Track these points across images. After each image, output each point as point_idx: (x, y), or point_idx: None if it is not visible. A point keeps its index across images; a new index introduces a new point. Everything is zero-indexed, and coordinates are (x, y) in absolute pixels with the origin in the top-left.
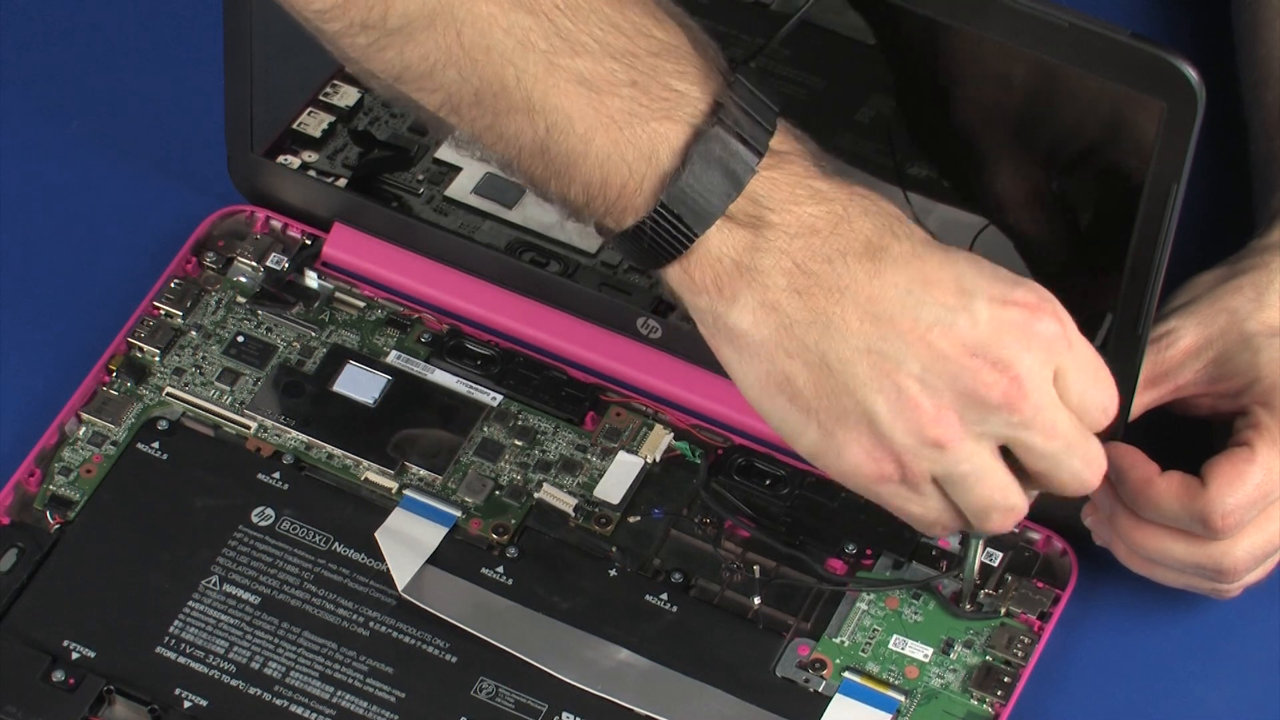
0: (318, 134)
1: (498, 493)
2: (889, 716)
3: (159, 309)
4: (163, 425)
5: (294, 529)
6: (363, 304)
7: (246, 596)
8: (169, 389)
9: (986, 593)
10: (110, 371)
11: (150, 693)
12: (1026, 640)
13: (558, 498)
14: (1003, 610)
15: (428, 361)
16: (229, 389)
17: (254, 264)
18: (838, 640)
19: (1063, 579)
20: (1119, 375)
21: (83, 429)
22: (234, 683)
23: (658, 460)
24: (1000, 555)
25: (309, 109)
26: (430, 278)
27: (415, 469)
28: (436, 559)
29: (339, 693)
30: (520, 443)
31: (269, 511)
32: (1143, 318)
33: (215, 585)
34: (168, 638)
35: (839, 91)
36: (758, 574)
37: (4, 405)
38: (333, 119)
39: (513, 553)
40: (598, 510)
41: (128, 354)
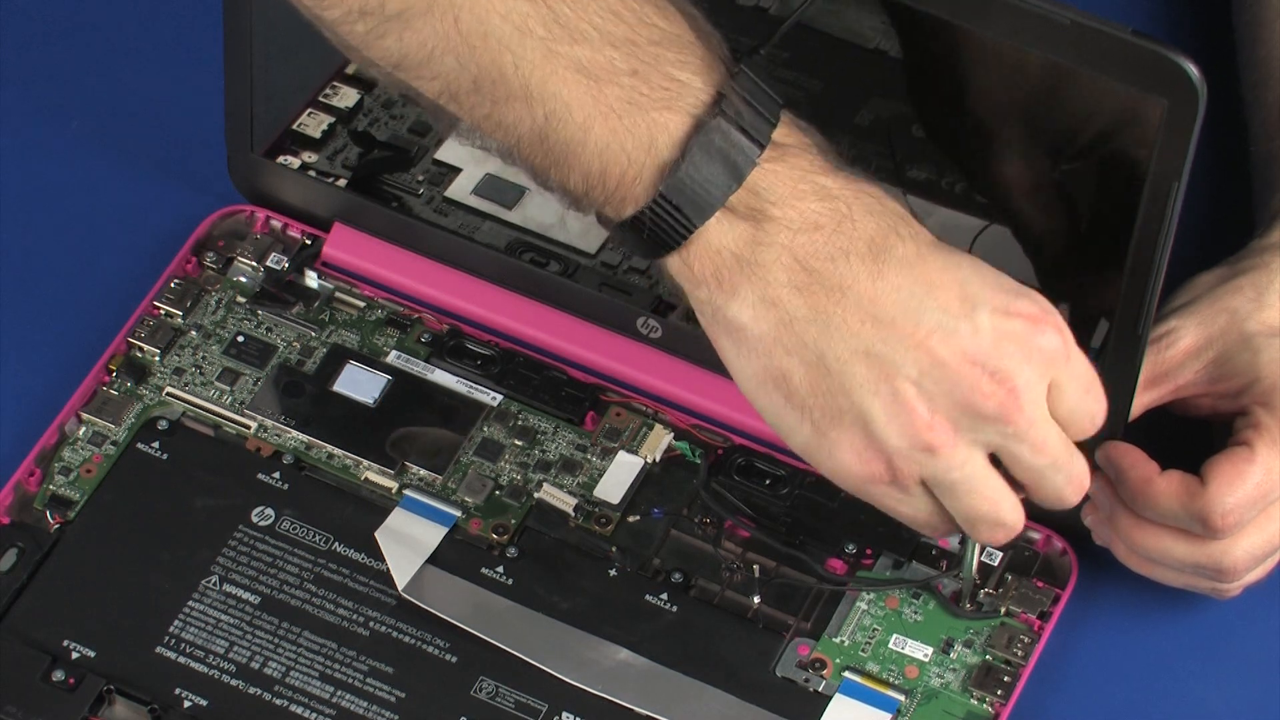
0: (318, 134)
1: (498, 493)
2: (889, 716)
3: (159, 309)
4: (163, 425)
5: (294, 529)
6: (363, 304)
7: (246, 596)
8: (169, 389)
9: (986, 592)
10: (110, 371)
11: (150, 693)
12: (1026, 640)
13: (558, 498)
14: (1003, 610)
15: (428, 361)
16: (229, 389)
17: (254, 264)
18: (838, 640)
19: (1063, 579)
20: (1119, 375)
21: (83, 429)
22: (234, 683)
23: (658, 460)
24: (1000, 555)
25: (309, 110)
26: (430, 278)
27: (415, 469)
28: (436, 559)
29: (339, 692)
30: (520, 443)
31: (269, 511)
32: (1143, 317)
33: (215, 585)
34: (168, 637)
35: (838, 94)
36: (758, 574)
37: (4, 405)
38: (332, 120)
39: (513, 553)
40: (598, 510)
41: (128, 354)
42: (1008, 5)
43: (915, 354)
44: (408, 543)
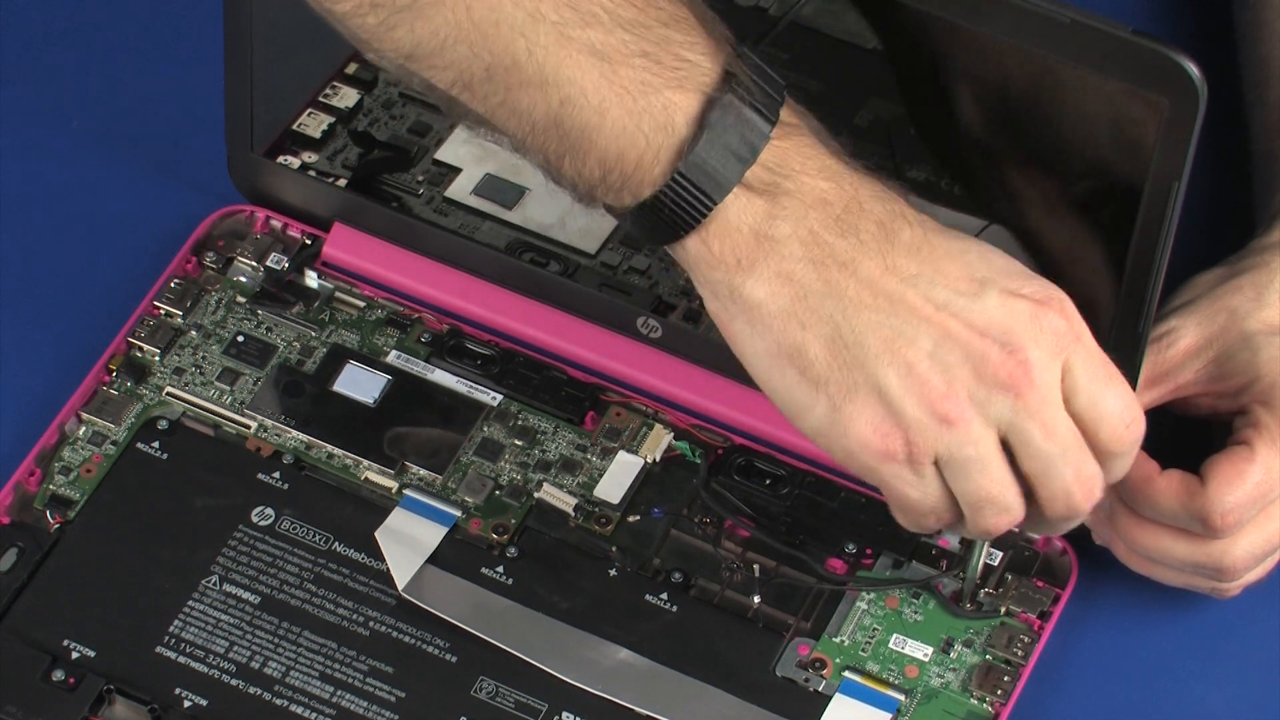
0: (318, 134)
1: (498, 492)
2: (889, 716)
3: (159, 309)
4: (163, 425)
5: (294, 529)
6: (363, 304)
7: (246, 596)
8: (169, 389)
9: (986, 592)
10: (110, 371)
11: (150, 692)
12: (1026, 639)
13: (558, 498)
14: (1003, 609)
15: (428, 361)
16: (229, 389)
17: (254, 264)
18: (838, 640)
19: (1063, 578)
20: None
21: (83, 429)
22: (234, 682)
23: (658, 460)
24: (1000, 555)
25: (309, 110)
26: (430, 278)
27: (415, 469)
28: (436, 559)
29: (339, 692)
30: (520, 442)
31: (269, 511)
32: (1143, 317)
33: (215, 585)
34: (168, 637)
35: (838, 94)
36: (758, 574)
37: (4, 405)
38: (332, 120)
39: (513, 552)
40: (598, 510)
41: (128, 354)
42: (1008, 4)
43: (927, 327)
44: (408, 542)
